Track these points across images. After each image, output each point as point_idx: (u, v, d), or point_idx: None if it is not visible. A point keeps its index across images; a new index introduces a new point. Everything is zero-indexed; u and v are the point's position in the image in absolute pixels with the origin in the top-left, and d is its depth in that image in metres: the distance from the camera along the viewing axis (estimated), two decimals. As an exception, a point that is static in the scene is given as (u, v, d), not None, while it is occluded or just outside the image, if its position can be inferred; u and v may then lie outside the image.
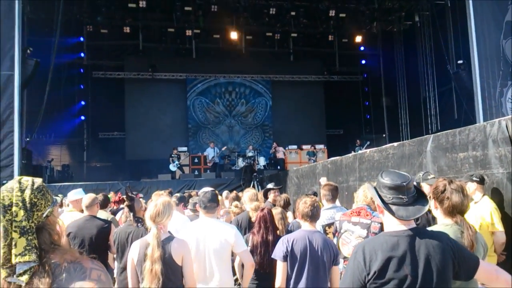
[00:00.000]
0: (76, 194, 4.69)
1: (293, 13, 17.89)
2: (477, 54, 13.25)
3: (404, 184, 1.85)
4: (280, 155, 16.15)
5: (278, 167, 16.05)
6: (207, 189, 3.43)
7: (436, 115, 17.63)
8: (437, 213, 2.35)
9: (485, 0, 13.40)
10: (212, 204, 3.25)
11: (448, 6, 16.30)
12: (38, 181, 1.40)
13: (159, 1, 16.61)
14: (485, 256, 2.33)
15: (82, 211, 4.42)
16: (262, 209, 3.80)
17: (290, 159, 17.00)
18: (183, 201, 5.00)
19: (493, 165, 3.72)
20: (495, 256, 3.48)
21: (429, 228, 2.19)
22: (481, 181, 3.68)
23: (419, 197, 1.90)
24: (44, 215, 1.36)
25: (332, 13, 17.94)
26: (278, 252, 3.14)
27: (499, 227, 3.48)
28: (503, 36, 13.61)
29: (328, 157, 16.32)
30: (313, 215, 3.18)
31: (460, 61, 14.57)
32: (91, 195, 4.23)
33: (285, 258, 3.09)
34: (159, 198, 2.98)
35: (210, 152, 15.68)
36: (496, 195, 3.69)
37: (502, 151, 3.61)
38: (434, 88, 17.71)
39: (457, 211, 2.25)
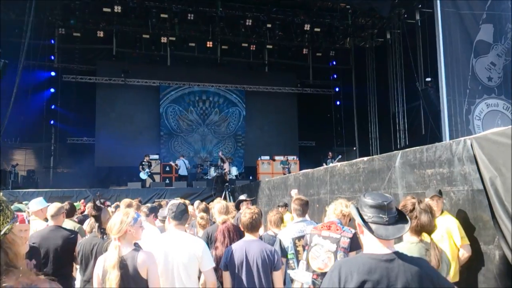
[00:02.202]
0: (38, 204, 4.52)
1: (269, 25, 18.13)
2: (445, 72, 13.73)
3: (385, 203, 1.85)
4: (226, 167, 15.38)
5: (250, 177, 16.05)
6: (176, 201, 3.40)
7: (405, 130, 18.13)
8: None
9: (455, 19, 13.96)
10: (182, 216, 3.22)
11: (418, 25, 16.89)
12: None
13: (134, 7, 16.43)
14: (448, 273, 2.39)
15: (46, 219, 4.27)
16: (224, 222, 3.86)
17: (263, 170, 17.06)
18: (154, 211, 4.91)
19: (459, 182, 3.84)
20: (458, 271, 3.58)
21: (395, 246, 2.23)
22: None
23: (400, 218, 1.89)
24: (2, 233, 1.26)
25: (307, 27, 18.29)
26: (221, 262, 3.33)
27: (466, 240, 3.61)
28: (474, 54, 14.17)
29: (300, 169, 16.49)
30: (252, 226, 3.33)
31: (428, 79, 15.07)
32: (57, 204, 4.08)
33: (226, 268, 3.26)
34: (121, 211, 2.91)
35: (182, 164, 15.50)
36: (461, 212, 3.81)
37: (467, 169, 3.74)
38: (403, 104, 18.23)
39: (424, 230, 2.30)
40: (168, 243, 3.11)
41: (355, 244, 3.18)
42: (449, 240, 3.69)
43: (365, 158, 5.49)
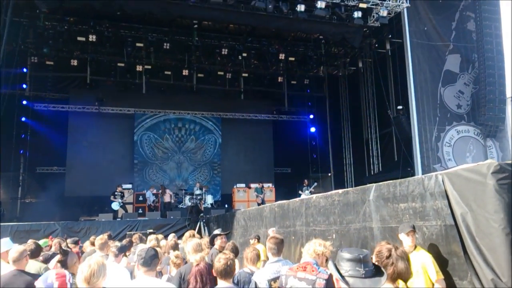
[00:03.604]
0: (3, 245, 4.29)
1: (244, 54, 18.38)
2: (415, 101, 14.17)
3: (361, 256, 1.89)
4: (167, 198, 15.44)
5: (226, 206, 15.87)
6: (145, 246, 3.29)
7: (378, 156, 18.44)
8: None
9: (423, 50, 14.52)
10: (151, 262, 3.10)
11: (389, 54, 17.47)
12: None
13: (109, 36, 16.38)
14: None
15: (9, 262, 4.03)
16: (198, 264, 3.75)
17: (238, 198, 16.94)
18: (123, 251, 4.73)
19: (432, 217, 3.87)
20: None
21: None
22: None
23: (377, 272, 1.93)
24: None
25: (282, 56, 18.64)
26: None
27: (441, 275, 3.61)
28: (441, 83, 14.71)
29: (276, 196, 16.45)
30: (226, 273, 3.27)
31: (399, 107, 15.49)
32: (19, 248, 3.87)
33: None
34: (92, 258, 2.78)
35: (151, 196, 15.20)
36: (434, 247, 3.83)
37: (439, 204, 3.78)
38: (376, 131, 18.61)
39: (400, 278, 2.28)
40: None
41: (330, 286, 3.12)
42: (424, 275, 3.70)
43: (340, 191, 5.50)
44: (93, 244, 6.67)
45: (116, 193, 14.22)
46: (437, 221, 3.80)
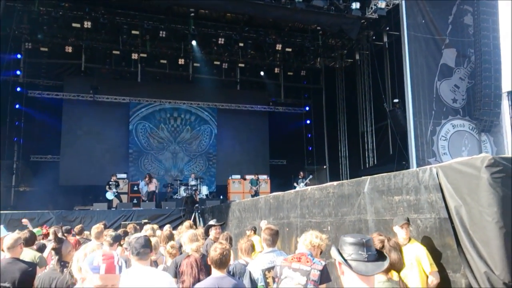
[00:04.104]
0: (-3, 233, 4.27)
1: (241, 44, 18.25)
2: (411, 95, 14.17)
3: (364, 241, 1.91)
4: (152, 187, 15.19)
5: (221, 197, 15.89)
6: (139, 234, 3.28)
7: (373, 150, 18.50)
8: None
9: (420, 43, 14.49)
10: (145, 250, 3.10)
11: (386, 47, 17.45)
12: None
13: (105, 23, 16.19)
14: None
15: (3, 250, 4.03)
16: (189, 256, 3.77)
17: (233, 189, 16.97)
18: (117, 240, 4.73)
19: (426, 210, 3.89)
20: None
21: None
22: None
23: (379, 256, 1.95)
24: None
25: (278, 47, 18.57)
26: None
27: (435, 267, 3.65)
28: (438, 77, 14.71)
29: (272, 188, 16.50)
30: (222, 262, 3.24)
31: (395, 100, 15.50)
32: (14, 236, 3.86)
33: None
34: (87, 246, 2.77)
35: (144, 187, 15.15)
36: (428, 239, 3.86)
37: (433, 197, 3.80)
38: (371, 124, 18.65)
39: (393, 268, 2.30)
40: (133, 280, 2.98)
41: (325, 277, 3.14)
42: (418, 267, 3.73)
43: (335, 183, 5.51)
44: (76, 233, 6.69)
45: (110, 182, 14.17)
46: (431, 214, 3.82)
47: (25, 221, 8.49)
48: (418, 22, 14.62)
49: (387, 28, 17.08)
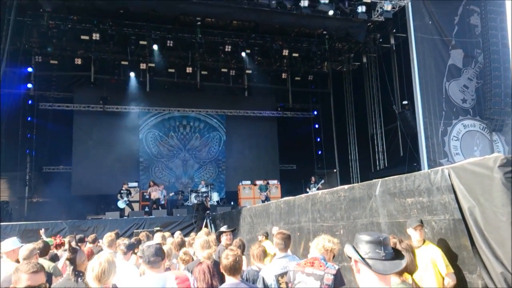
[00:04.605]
0: (11, 244, 4.32)
1: (248, 51, 18.31)
2: (420, 96, 14.08)
3: (381, 239, 1.88)
4: (156, 194, 14.99)
5: (232, 203, 15.89)
6: (151, 243, 3.30)
7: (383, 152, 18.39)
8: None
9: (428, 44, 14.42)
10: (156, 258, 3.12)
11: (393, 49, 17.38)
12: None
13: (113, 34, 16.39)
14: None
15: (18, 261, 4.07)
16: (201, 262, 3.77)
17: (244, 195, 16.96)
18: (132, 249, 4.76)
19: (440, 212, 3.85)
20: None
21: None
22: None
23: (396, 255, 1.92)
24: None
25: (285, 52, 18.59)
26: None
27: (451, 268, 3.61)
28: (446, 78, 14.62)
29: (282, 193, 16.46)
30: (235, 269, 3.22)
31: (404, 102, 15.41)
32: (29, 246, 3.91)
33: None
34: (101, 255, 2.80)
35: (158, 195, 15.20)
36: (443, 241, 3.82)
37: (446, 198, 3.76)
38: (381, 126, 18.55)
39: (405, 270, 2.28)
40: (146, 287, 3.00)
41: (339, 281, 3.13)
42: (433, 269, 3.69)
43: (346, 186, 5.49)
44: (90, 242, 6.73)
45: (122, 191, 14.26)
46: (445, 215, 3.78)
47: (41, 231, 8.63)
48: (425, 23, 14.57)
49: (394, 30, 17.03)
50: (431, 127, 14.12)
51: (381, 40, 18.31)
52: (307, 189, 15.27)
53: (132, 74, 18.90)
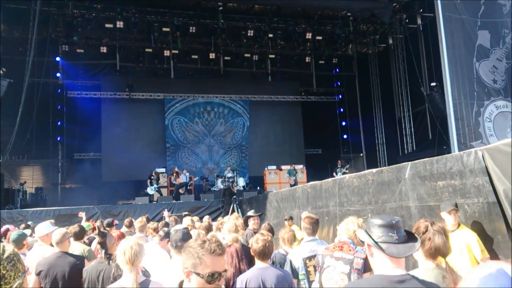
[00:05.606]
0: (44, 228, 4.47)
1: (270, 35, 18.11)
2: (450, 77, 13.62)
3: (393, 222, 1.85)
4: (180, 179, 14.86)
5: (258, 188, 15.96)
6: (179, 226, 3.35)
7: (411, 135, 17.99)
8: (418, 254, 2.32)
9: (456, 23, 13.89)
10: (183, 243, 3.16)
11: (420, 29, 16.84)
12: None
13: (136, 22, 16.51)
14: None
15: (51, 245, 4.21)
16: (229, 246, 3.80)
17: (270, 180, 17.00)
18: (168, 236, 4.85)
19: (473, 195, 3.74)
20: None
21: (410, 272, 2.16)
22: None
23: (409, 238, 1.89)
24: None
25: (309, 35, 18.27)
26: None
27: (487, 253, 3.52)
28: (476, 58, 14.09)
29: (308, 177, 16.40)
30: (265, 254, 3.23)
31: (433, 84, 14.96)
32: (62, 230, 4.03)
33: None
34: (130, 239, 2.85)
35: (183, 179, 15.39)
36: (477, 224, 3.71)
37: (480, 181, 3.65)
38: (408, 109, 18.12)
39: (439, 253, 2.22)
40: (175, 272, 3.04)
41: (369, 265, 3.09)
42: (469, 254, 3.60)
43: (374, 170, 5.40)
44: (127, 226, 6.89)
45: (152, 177, 14.52)
46: (478, 198, 3.67)
47: (81, 214, 8.96)
48: (453, 1, 14.02)
49: (421, 10, 16.48)
50: (461, 108, 13.67)
51: (407, 20, 17.77)
52: (334, 174, 15.16)
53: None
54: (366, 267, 3.05)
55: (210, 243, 1.83)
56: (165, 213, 9.40)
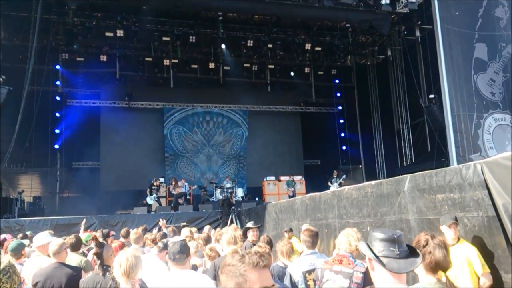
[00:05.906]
0: (42, 239, 4.43)
1: (270, 46, 18.18)
2: (448, 89, 13.68)
3: (395, 236, 1.85)
4: (179, 189, 14.93)
5: (257, 199, 15.91)
6: (177, 238, 3.33)
7: (410, 147, 18.01)
8: (419, 269, 2.29)
9: (454, 36, 14.00)
10: (181, 255, 3.13)
11: (418, 41, 16.97)
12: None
13: (137, 30, 16.58)
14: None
15: (48, 255, 4.18)
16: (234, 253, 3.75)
17: (268, 191, 16.95)
18: (167, 248, 4.82)
19: (473, 208, 3.73)
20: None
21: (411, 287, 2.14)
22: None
23: (411, 253, 1.88)
24: None
25: (308, 46, 18.38)
26: None
27: (487, 268, 3.49)
28: (474, 71, 14.19)
29: (306, 188, 16.37)
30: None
31: (431, 96, 15.03)
32: (59, 241, 4.00)
33: None
34: (127, 251, 2.83)
35: (183, 189, 15.35)
36: (477, 239, 3.70)
37: (479, 194, 3.64)
38: (407, 121, 18.17)
39: (439, 267, 2.20)
40: (172, 283, 3.01)
41: (368, 279, 3.06)
42: (469, 268, 3.58)
43: (373, 182, 5.39)
44: (124, 236, 6.84)
45: (153, 187, 14.46)
46: (478, 212, 3.66)
47: (84, 222, 8.93)
48: (451, 14, 14.16)
49: (419, 22, 16.61)
50: (460, 121, 13.71)
51: (405, 32, 17.91)
52: (329, 183, 15.15)
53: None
54: (365, 281, 3.02)
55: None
56: (161, 223, 9.36)
